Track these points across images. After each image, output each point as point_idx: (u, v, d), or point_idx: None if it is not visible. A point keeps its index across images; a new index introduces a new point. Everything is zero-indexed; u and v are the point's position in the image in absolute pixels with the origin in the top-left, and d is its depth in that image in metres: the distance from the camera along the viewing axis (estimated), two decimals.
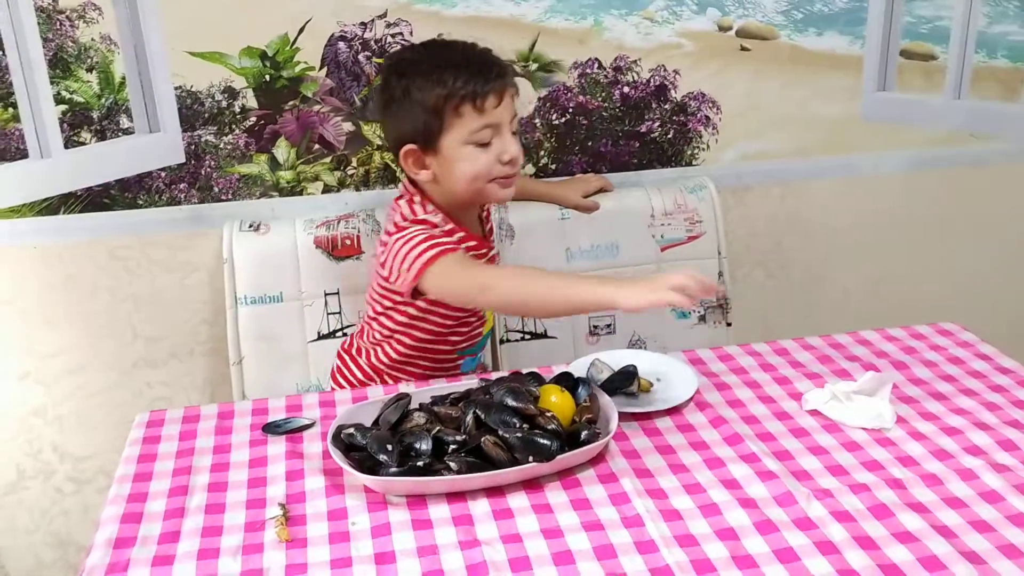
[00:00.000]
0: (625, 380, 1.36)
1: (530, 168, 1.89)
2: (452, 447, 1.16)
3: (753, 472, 1.16)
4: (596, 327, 1.87)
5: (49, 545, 1.93)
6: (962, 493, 1.12)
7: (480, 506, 1.12)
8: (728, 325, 1.92)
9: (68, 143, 1.72)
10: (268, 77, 1.75)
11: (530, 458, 1.14)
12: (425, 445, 1.16)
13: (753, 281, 2.06)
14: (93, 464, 1.89)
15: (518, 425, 1.17)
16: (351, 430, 1.19)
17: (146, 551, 1.07)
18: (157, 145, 1.75)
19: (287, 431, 1.29)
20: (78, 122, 1.71)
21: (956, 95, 2.03)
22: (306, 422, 1.31)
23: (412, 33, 1.76)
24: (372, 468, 1.15)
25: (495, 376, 1.36)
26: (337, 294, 1.76)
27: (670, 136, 1.94)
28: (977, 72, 2.02)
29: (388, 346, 1.57)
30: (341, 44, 1.75)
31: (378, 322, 1.56)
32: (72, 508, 1.91)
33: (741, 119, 1.95)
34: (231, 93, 1.74)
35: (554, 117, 1.88)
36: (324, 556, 1.05)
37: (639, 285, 1.24)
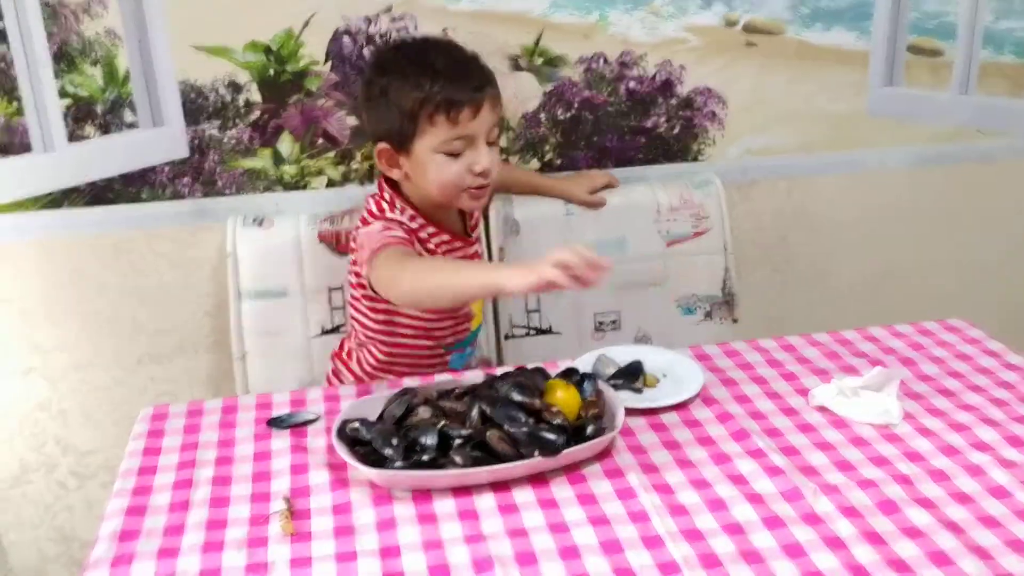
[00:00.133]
0: (631, 375, 1.36)
1: (535, 163, 1.89)
2: (457, 441, 1.16)
3: (760, 467, 1.16)
4: (601, 323, 1.86)
5: (53, 540, 1.93)
6: (969, 489, 1.11)
7: (485, 501, 1.11)
8: (734, 321, 1.91)
9: (72, 137, 1.71)
10: (272, 71, 1.75)
11: (536, 453, 1.13)
12: (430, 439, 1.15)
13: (759, 276, 2.05)
14: (97, 459, 1.89)
15: (524, 420, 1.17)
16: (356, 424, 1.19)
17: (151, 544, 1.07)
18: (161, 139, 1.75)
19: (291, 425, 1.29)
20: (82, 116, 1.71)
21: (963, 91, 2.03)
22: (310, 416, 1.31)
23: (417, 27, 1.75)
24: (377, 462, 1.14)
25: (500, 371, 1.35)
26: (341, 289, 1.75)
27: (676, 131, 1.93)
28: (984, 68, 2.01)
29: (373, 347, 1.56)
30: (346, 38, 1.75)
31: (360, 323, 1.56)
32: (76, 503, 1.91)
33: (747, 114, 1.95)
34: (235, 87, 1.74)
35: (559, 112, 1.87)
36: (329, 550, 1.05)
37: (523, 267, 1.20)
